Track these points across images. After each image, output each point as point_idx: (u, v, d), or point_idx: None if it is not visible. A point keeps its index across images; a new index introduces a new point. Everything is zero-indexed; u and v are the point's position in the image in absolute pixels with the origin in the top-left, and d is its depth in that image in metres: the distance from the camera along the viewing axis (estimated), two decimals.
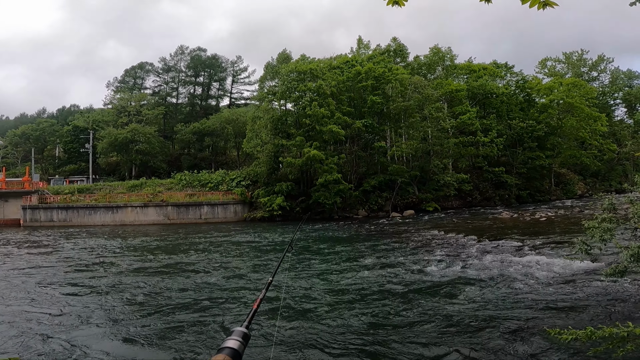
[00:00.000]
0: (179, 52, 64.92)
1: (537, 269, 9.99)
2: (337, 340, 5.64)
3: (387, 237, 19.36)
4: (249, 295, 8.42)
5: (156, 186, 39.05)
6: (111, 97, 62.09)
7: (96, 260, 14.61)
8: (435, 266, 11.09)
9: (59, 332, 6.68)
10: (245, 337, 1.47)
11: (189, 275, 11.20)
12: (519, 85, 47.91)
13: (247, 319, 1.61)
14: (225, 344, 1.41)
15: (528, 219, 23.59)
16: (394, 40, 49.14)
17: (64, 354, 5.73)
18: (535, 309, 6.96)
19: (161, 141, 52.82)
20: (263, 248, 16.97)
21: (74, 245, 19.63)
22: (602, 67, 62.90)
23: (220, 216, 35.05)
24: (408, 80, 37.26)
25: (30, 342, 6.21)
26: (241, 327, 1.51)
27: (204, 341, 5.89)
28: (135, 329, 6.58)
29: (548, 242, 14.51)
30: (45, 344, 6.13)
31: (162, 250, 17.09)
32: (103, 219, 34.45)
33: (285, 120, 36.70)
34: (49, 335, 6.51)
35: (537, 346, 5.38)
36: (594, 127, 46.61)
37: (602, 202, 6.91)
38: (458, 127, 39.75)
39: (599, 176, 55.84)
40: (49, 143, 62.07)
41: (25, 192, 36.43)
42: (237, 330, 1.48)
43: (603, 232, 6.25)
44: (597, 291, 7.78)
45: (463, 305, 7.39)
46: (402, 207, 35.24)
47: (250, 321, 1.60)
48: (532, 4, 2.64)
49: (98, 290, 9.80)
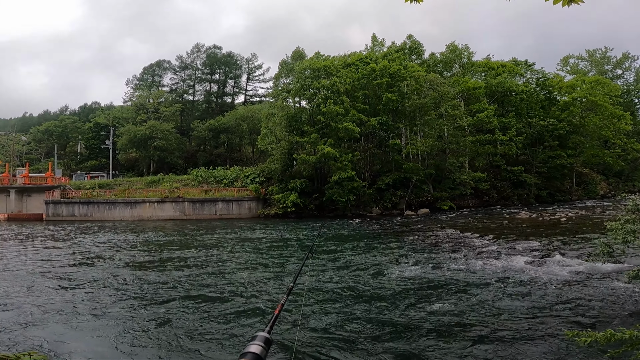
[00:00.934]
0: (195, 50, 65.91)
1: (556, 270, 9.75)
2: (358, 348, 5.57)
3: (401, 236, 19.22)
4: (265, 296, 8.43)
5: (173, 182, 39.83)
6: (130, 94, 63.62)
7: (107, 254, 15.01)
8: (450, 267, 10.96)
9: (47, 323, 6.86)
10: (267, 342, 1.47)
11: (203, 273, 11.35)
12: (539, 82, 46.71)
13: (269, 324, 1.61)
14: (247, 348, 1.41)
15: (547, 219, 23.00)
16: (409, 37, 48.52)
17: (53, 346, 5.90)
18: (554, 311, 6.80)
19: (178, 138, 53.78)
20: (277, 245, 17.10)
21: (91, 240, 20.20)
22: (627, 65, 60.87)
23: (234, 212, 35.49)
24: (424, 78, 36.78)
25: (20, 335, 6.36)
26: (263, 332, 1.51)
27: (224, 343, 5.88)
28: (147, 329, 6.61)
29: (568, 243, 14.13)
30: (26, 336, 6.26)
31: (176, 245, 17.42)
32: (122, 214, 35.35)
33: (299, 118, 36.81)
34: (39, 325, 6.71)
35: (554, 348, 5.26)
36: (617, 125, 45.10)
37: (625, 202, 6.69)
38: (475, 125, 39.04)
39: (622, 176, 54.02)
40: (71, 139, 64.07)
41: (48, 187, 37.71)
42: (260, 335, 1.48)
43: (626, 234, 6.06)
44: (618, 294, 7.54)
45: (480, 306, 7.28)
46: (417, 205, 34.91)
47: (272, 326, 1.61)
48: (556, 1, 2.56)
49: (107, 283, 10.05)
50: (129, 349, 5.75)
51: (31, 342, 5.96)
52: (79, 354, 5.63)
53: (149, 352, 5.63)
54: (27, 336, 6.23)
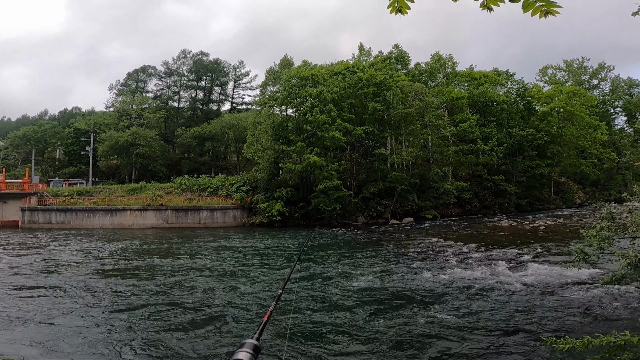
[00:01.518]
0: (182, 56, 65.44)
1: (535, 277, 9.95)
2: (346, 355, 5.54)
3: (386, 244, 19.31)
4: (251, 303, 8.32)
5: (156, 190, 39.07)
6: (113, 100, 62.51)
7: (75, 262, 14.57)
8: (435, 275, 11.05)
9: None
10: (256, 349, 1.45)
11: (187, 281, 11.12)
12: (519, 93, 48.05)
13: (258, 331, 1.60)
14: (236, 355, 1.40)
15: (527, 228, 23.54)
16: (395, 47, 49.47)
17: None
18: (532, 317, 6.92)
19: (162, 145, 52.94)
20: (263, 254, 16.91)
21: (62, 247, 19.53)
22: (603, 75, 62.99)
23: (219, 221, 35.01)
24: (409, 87, 37.41)
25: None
26: (252, 339, 1.50)
27: (211, 351, 5.77)
28: (126, 340, 6.43)
29: (547, 250, 14.47)
30: None
31: (153, 254, 17.01)
32: (102, 222, 34.41)
33: (286, 126, 36.81)
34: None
35: (533, 355, 5.33)
36: (593, 135, 46.65)
37: (601, 211, 6.91)
38: (458, 135, 39.82)
39: (598, 185, 55.78)
40: (50, 145, 62.25)
41: (24, 194, 36.44)
42: (248, 342, 1.47)
43: (601, 241, 6.24)
44: (595, 299, 7.73)
45: (460, 313, 7.34)
46: (402, 214, 35.19)
47: (260, 333, 1.60)
48: (533, 13, 2.65)
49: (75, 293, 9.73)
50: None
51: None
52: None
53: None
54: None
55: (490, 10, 3.00)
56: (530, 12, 2.67)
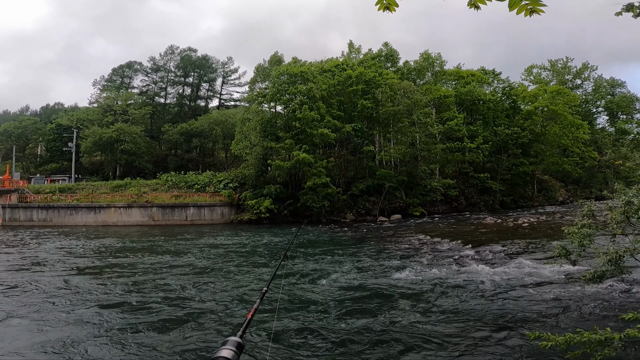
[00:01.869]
0: (169, 52, 64.28)
1: (517, 273, 10.13)
2: (331, 352, 5.54)
3: (374, 241, 19.41)
4: (235, 300, 8.27)
5: (141, 187, 38.38)
6: (97, 95, 61.14)
7: (51, 260, 14.25)
8: (419, 272, 11.15)
9: None
10: (240, 346, 1.45)
11: (170, 279, 10.96)
12: (505, 92, 48.79)
13: (242, 329, 1.60)
14: (218, 353, 1.40)
15: (511, 225, 23.98)
16: (385, 45, 49.54)
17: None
18: (514, 314, 7.04)
19: (147, 141, 52.00)
20: (250, 251, 16.80)
21: (41, 245, 19.06)
22: (586, 75, 64.32)
23: (206, 218, 34.63)
24: (398, 85, 37.57)
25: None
26: (235, 337, 1.49)
27: (194, 350, 5.67)
28: (111, 338, 6.31)
29: (529, 247, 14.76)
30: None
31: (137, 251, 16.74)
32: (85, 219, 33.67)
33: (274, 123, 36.58)
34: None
35: (515, 352, 5.42)
36: (576, 134, 47.68)
37: (582, 208, 7.05)
38: (445, 133, 40.22)
39: (580, 183, 57.12)
40: (31, 141, 60.56)
41: (5, 191, 35.41)
42: (231, 340, 1.46)
43: (582, 238, 6.37)
44: (576, 296, 7.91)
45: (443, 310, 7.42)
46: (390, 211, 35.43)
47: (244, 331, 1.59)
48: (519, 11, 2.66)
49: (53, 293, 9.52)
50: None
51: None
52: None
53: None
54: None
55: (478, 8, 3.00)
56: (515, 10, 2.68)
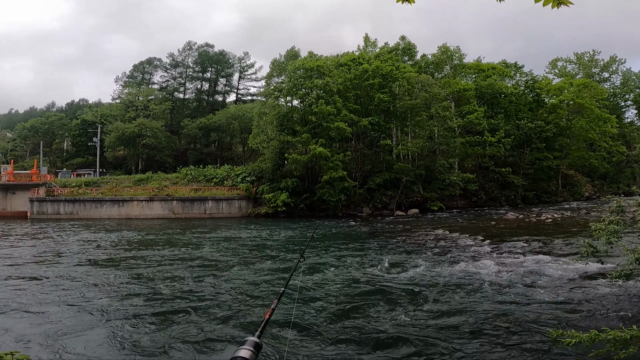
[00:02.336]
0: (187, 48, 65.15)
1: (541, 270, 9.90)
2: (349, 353, 5.49)
3: (391, 236, 19.31)
4: (253, 298, 8.27)
5: (162, 180, 39.33)
6: (119, 91, 62.58)
7: (74, 253, 14.77)
8: (438, 267, 11.04)
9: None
10: (257, 346, 1.46)
11: (192, 273, 11.18)
12: (528, 85, 47.38)
13: (259, 329, 1.61)
14: (237, 353, 1.41)
15: (534, 220, 23.38)
16: (402, 38, 48.78)
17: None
18: (538, 311, 6.89)
19: (168, 136, 53.11)
20: (267, 246, 17.00)
21: (63, 238, 19.80)
22: (614, 68, 61.87)
23: (224, 211, 35.22)
24: (415, 79, 37.01)
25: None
26: (253, 337, 1.50)
27: (213, 350, 5.71)
28: (128, 333, 6.43)
29: (553, 243, 14.37)
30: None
31: (158, 244, 17.19)
32: (109, 213, 34.79)
33: (291, 117, 36.70)
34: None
35: (539, 347, 5.32)
36: (603, 128, 45.95)
37: (609, 204, 6.82)
38: (465, 127, 39.44)
39: (607, 178, 55.12)
40: (58, 136, 62.78)
41: (33, 185, 36.89)
42: (249, 340, 1.47)
43: (610, 235, 6.17)
44: (602, 294, 7.68)
45: (464, 306, 7.34)
46: (407, 205, 35.13)
47: (262, 331, 1.60)
48: (545, 3, 2.57)
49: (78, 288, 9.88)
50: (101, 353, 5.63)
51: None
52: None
53: (130, 357, 5.53)
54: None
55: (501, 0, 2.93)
56: (542, 2, 2.59)
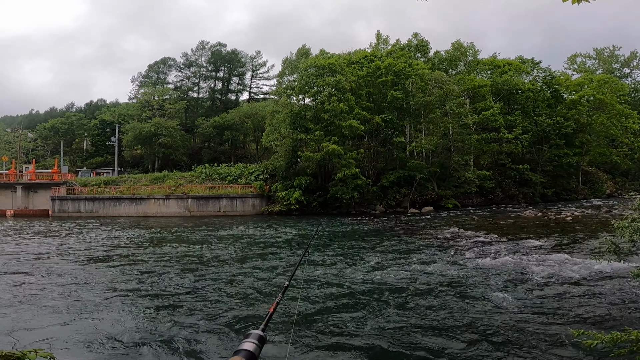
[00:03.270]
0: (200, 48, 65.99)
1: (561, 269, 9.66)
2: (353, 347, 5.49)
3: (404, 234, 19.16)
4: (261, 294, 8.33)
5: (177, 179, 39.99)
6: (136, 91, 63.89)
7: (87, 250, 15.15)
8: (453, 265, 10.90)
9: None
10: (261, 339, 1.48)
11: (201, 269, 11.33)
12: (546, 81, 46.27)
13: (264, 322, 1.63)
14: (241, 346, 1.42)
15: (553, 218, 22.81)
16: (415, 35, 48.23)
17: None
18: (559, 310, 6.74)
19: (183, 135, 53.96)
20: (279, 243, 17.10)
21: (81, 235, 20.32)
22: (635, 63, 59.96)
23: (238, 209, 35.58)
24: (429, 76, 36.56)
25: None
26: (257, 330, 1.52)
27: (217, 342, 5.77)
28: (139, 327, 6.49)
29: (574, 242, 14.01)
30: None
31: (173, 241, 17.49)
32: (127, 210, 35.58)
33: (303, 115, 36.77)
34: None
35: (560, 347, 5.20)
36: (625, 124, 44.54)
37: (632, 201, 6.60)
38: (480, 123, 38.76)
39: (629, 175, 53.45)
40: (77, 136, 64.54)
41: (54, 184, 38.02)
42: (254, 333, 1.49)
43: (633, 232, 5.97)
44: (625, 293, 7.45)
45: (483, 306, 7.22)
46: (421, 203, 34.79)
47: (266, 324, 1.62)
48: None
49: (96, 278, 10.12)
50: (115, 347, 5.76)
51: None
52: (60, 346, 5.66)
53: (143, 349, 5.64)
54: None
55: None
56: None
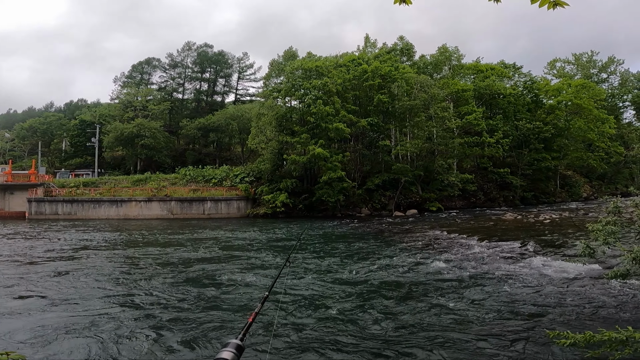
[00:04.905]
0: (186, 48, 65.17)
1: (538, 271, 9.91)
2: (332, 357, 5.45)
3: (389, 237, 19.31)
4: (242, 302, 8.12)
5: (160, 181, 39.27)
6: (118, 92, 62.49)
7: (69, 251, 14.73)
8: (436, 267, 11.04)
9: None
10: (239, 349, 1.49)
11: (177, 274, 11.00)
12: (526, 86, 47.50)
13: (242, 332, 1.64)
14: (219, 355, 1.43)
15: (532, 221, 23.39)
16: (400, 39, 48.90)
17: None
18: (535, 311, 6.90)
19: (166, 136, 53.06)
20: (261, 247, 16.97)
21: (57, 238, 19.73)
22: (612, 68, 62.06)
23: (223, 212, 35.17)
24: (414, 79, 37.06)
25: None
26: (236, 339, 1.53)
27: (195, 352, 5.61)
28: (108, 337, 6.24)
29: (551, 244, 14.38)
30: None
31: (154, 244, 17.15)
32: (107, 213, 34.71)
33: (290, 117, 36.68)
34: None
35: (534, 349, 5.32)
36: (602, 129, 46.07)
37: (607, 205, 6.82)
38: (463, 127, 39.49)
39: (605, 179, 55.28)
40: (56, 137, 62.66)
41: (31, 185, 36.77)
42: (232, 342, 1.50)
43: (607, 235, 6.17)
44: (599, 294, 7.69)
45: (462, 307, 7.34)
46: (405, 206, 35.13)
47: (244, 334, 1.63)
48: (541, 4, 2.58)
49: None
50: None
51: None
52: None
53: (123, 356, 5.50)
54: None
55: (498, 1, 2.93)
56: (538, 3, 2.59)
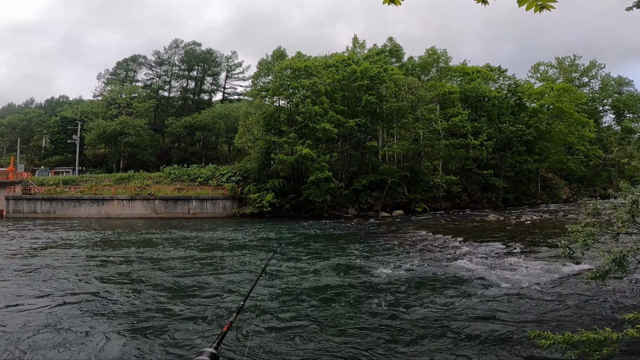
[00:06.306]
0: (173, 46, 64.24)
1: (519, 271, 10.07)
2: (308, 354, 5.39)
3: (375, 237, 19.37)
4: (219, 309, 7.69)
5: (144, 179, 38.53)
6: (101, 88, 61.20)
7: (40, 251, 14.29)
8: (420, 268, 11.11)
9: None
10: (214, 357, 1.50)
11: (153, 276, 10.63)
12: (510, 89, 48.46)
13: (217, 340, 1.65)
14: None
15: (513, 222, 23.86)
16: (390, 40, 49.27)
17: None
18: (516, 312, 6.99)
19: (151, 134, 52.13)
20: (245, 247, 16.78)
21: (33, 236, 19.15)
22: (594, 73, 63.75)
23: (209, 211, 34.74)
24: (402, 81, 37.36)
25: None
26: (210, 348, 1.53)
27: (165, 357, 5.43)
28: (79, 340, 6.06)
29: (532, 245, 14.67)
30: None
31: (133, 244, 16.77)
32: (88, 212, 33.87)
33: (277, 117, 36.50)
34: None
35: (514, 350, 5.38)
36: (582, 132, 47.34)
37: (586, 207, 6.96)
38: (449, 129, 40.02)
39: (584, 181, 56.81)
40: (36, 133, 60.93)
41: (9, 183, 35.64)
42: (207, 351, 1.50)
43: (586, 237, 6.29)
44: (579, 295, 7.85)
45: (442, 308, 7.38)
46: (392, 207, 35.37)
47: (219, 342, 1.63)
48: (528, 7, 2.58)
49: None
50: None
51: None
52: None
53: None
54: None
55: (486, 3, 2.92)
56: (525, 6, 2.60)
